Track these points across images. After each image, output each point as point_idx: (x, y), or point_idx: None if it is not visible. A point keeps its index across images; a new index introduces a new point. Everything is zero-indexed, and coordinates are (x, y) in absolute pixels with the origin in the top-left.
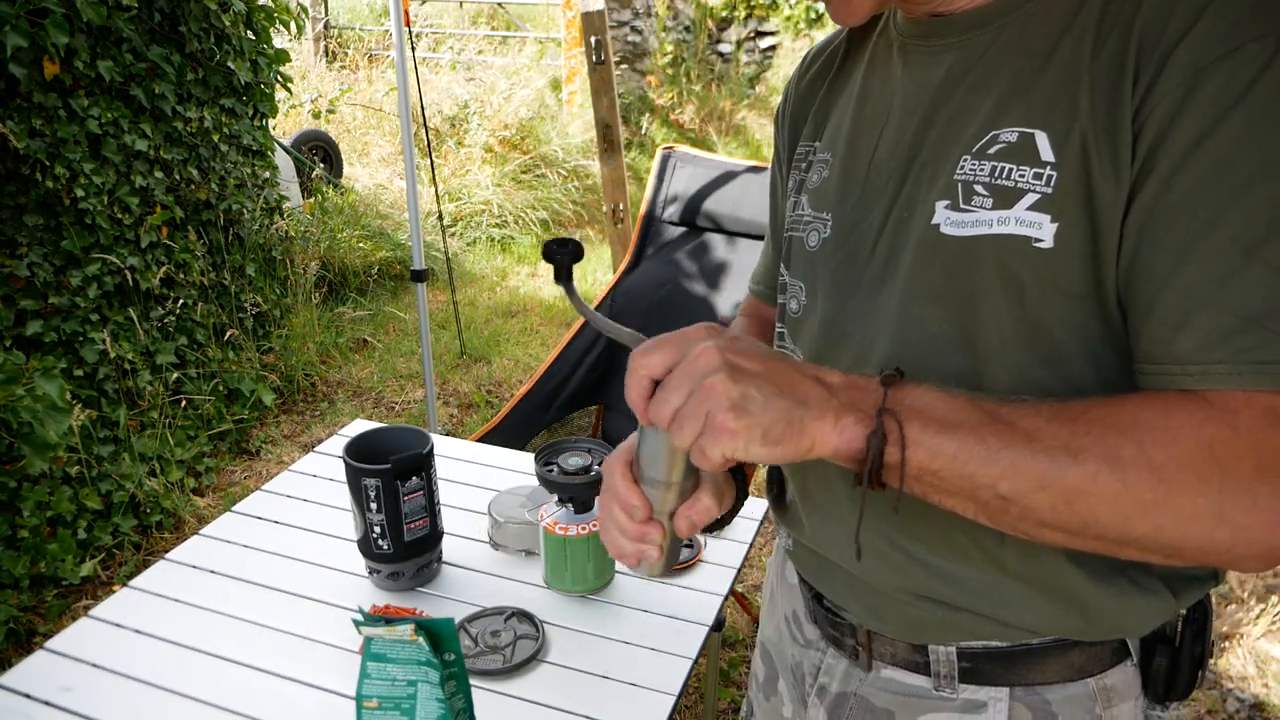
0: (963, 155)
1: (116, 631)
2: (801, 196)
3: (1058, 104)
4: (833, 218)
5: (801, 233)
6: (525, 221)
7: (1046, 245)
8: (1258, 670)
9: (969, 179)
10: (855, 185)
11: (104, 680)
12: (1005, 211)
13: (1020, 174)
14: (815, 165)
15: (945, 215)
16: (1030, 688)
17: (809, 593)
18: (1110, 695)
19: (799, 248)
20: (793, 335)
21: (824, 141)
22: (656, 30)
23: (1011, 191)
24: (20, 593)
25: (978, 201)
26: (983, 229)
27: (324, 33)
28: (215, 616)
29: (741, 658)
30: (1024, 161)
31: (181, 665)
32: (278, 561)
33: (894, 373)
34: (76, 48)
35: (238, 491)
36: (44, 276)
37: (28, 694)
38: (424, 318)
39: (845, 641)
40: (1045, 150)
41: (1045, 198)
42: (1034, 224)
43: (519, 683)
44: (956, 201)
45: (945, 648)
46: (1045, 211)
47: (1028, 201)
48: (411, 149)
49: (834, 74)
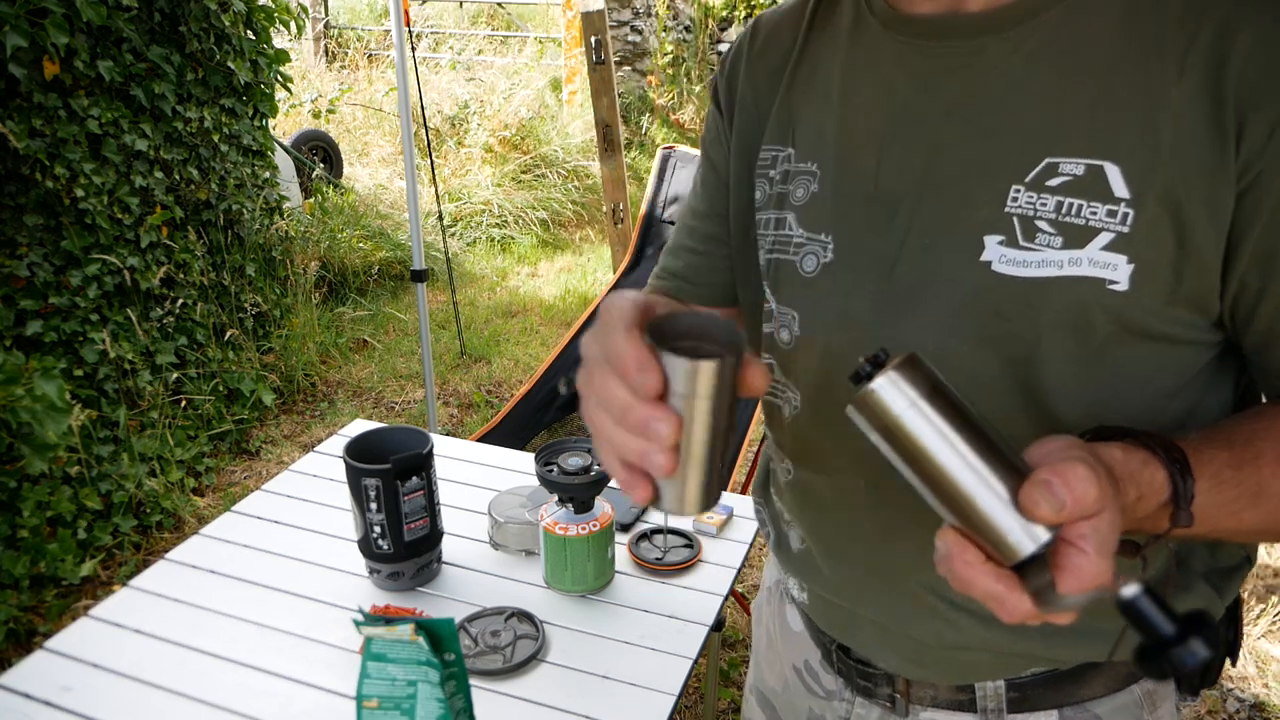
0: (1013, 185)
1: (116, 631)
2: (785, 214)
3: (1129, 135)
4: (834, 241)
5: (793, 256)
6: (525, 221)
7: (1122, 288)
8: (1258, 670)
9: (1028, 214)
10: (859, 205)
11: (104, 680)
12: (1077, 251)
13: (1092, 211)
14: (797, 178)
15: (1000, 252)
16: (1079, 705)
17: (829, 644)
18: (1154, 698)
19: (790, 273)
20: (784, 368)
21: (800, 149)
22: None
23: (1083, 230)
24: (20, 593)
25: (1044, 240)
26: (1050, 270)
27: (324, 33)
28: (215, 616)
29: (741, 658)
30: (1095, 197)
31: (181, 665)
32: (278, 561)
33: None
34: (76, 48)
35: (238, 491)
36: (44, 276)
37: (28, 694)
38: (424, 318)
39: (879, 690)
40: (1119, 186)
41: (1121, 237)
42: (1109, 265)
43: (519, 683)
44: (1014, 238)
45: (993, 683)
46: (1121, 252)
47: (1102, 241)
48: (411, 149)
49: (795, 65)
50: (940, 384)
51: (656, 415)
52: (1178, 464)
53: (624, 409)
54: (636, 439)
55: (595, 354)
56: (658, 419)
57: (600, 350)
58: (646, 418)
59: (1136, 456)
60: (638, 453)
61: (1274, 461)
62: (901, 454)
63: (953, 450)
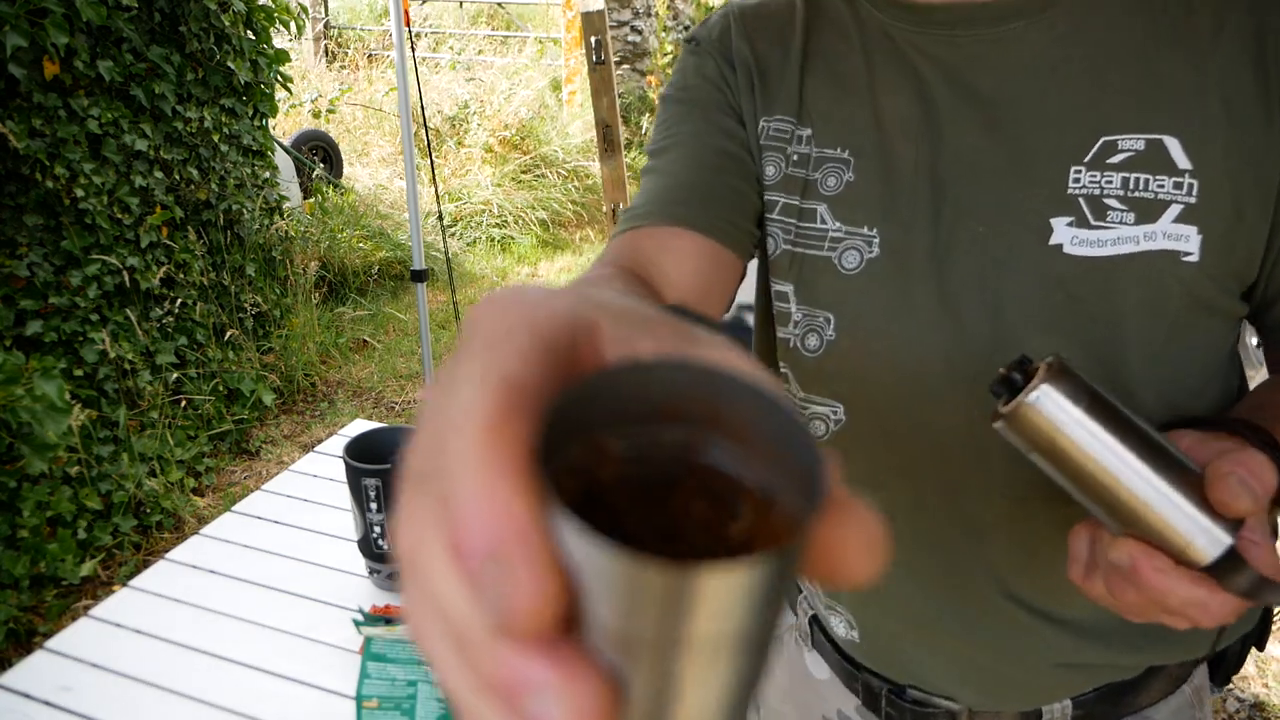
0: (1073, 166)
1: (116, 631)
2: (814, 205)
3: (1178, 108)
4: (880, 236)
5: (828, 252)
6: (525, 221)
7: (1194, 259)
8: (1258, 670)
9: (1095, 193)
10: (902, 196)
11: (104, 680)
12: (1150, 226)
13: (1159, 184)
14: (824, 165)
15: (1071, 234)
16: (1139, 713)
17: (879, 686)
18: (1200, 694)
19: (826, 270)
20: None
21: (822, 133)
22: (656, 30)
23: (1154, 204)
24: (20, 593)
25: (1115, 216)
26: (1127, 246)
27: (324, 33)
28: (215, 616)
29: None
30: (1160, 170)
31: (181, 665)
32: (278, 561)
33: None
34: (76, 48)
35: (238, 491)
36: (44, 276)
37: (28, 694)
38: (424, 318)
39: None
40: (1180, 158)
41: (1189, 208)
42: (1181, 237)
43: None
44: (1084, 218)
45: (1060, 704)
46: (1191, 223)
47: (1173, 213)
48: (411, 149)
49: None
50: (1094, 390)
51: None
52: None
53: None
54: None
55: (422, 472)
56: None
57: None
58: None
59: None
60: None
61: None
62: (1063, 468)
63: (1120, 459)
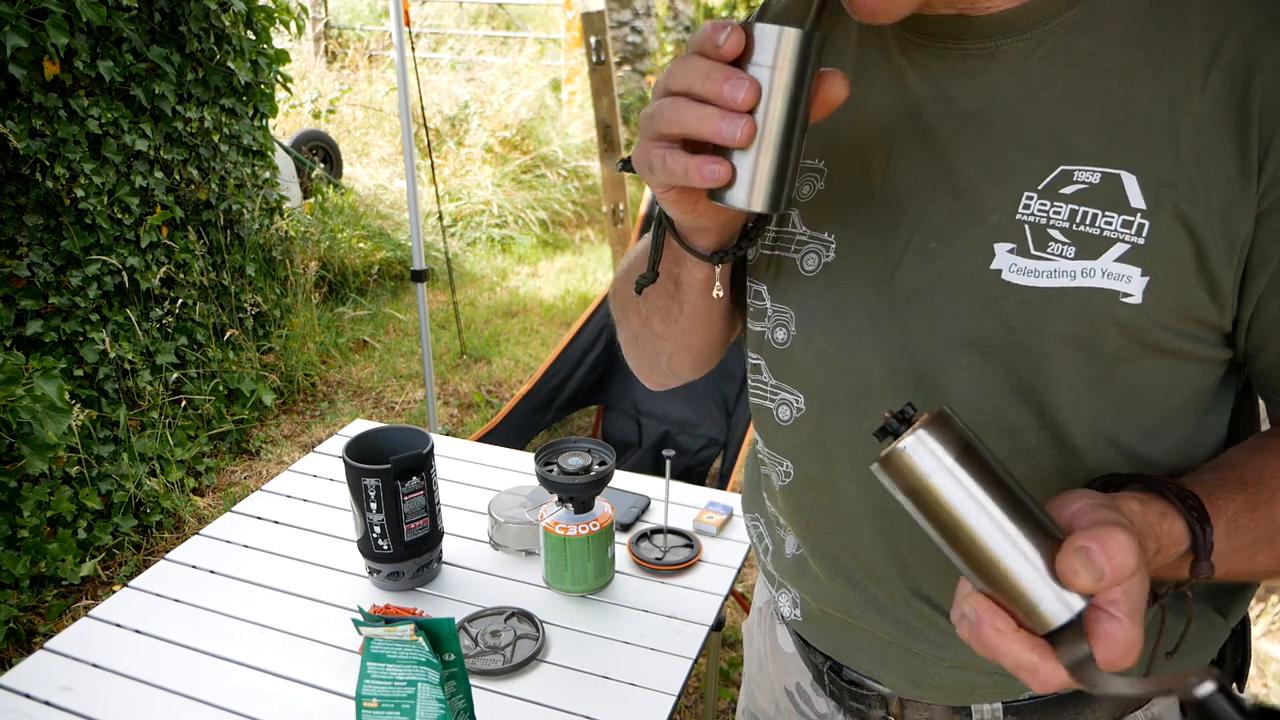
0: (1026, 192)
1: (116, 631)
2: (792, 211)
3: (1148, 144)
4: (837, 241)
5: (793, 254)
6: (525, 221)
7: (1135, 300)
8: (1258, 670)
9: (1040, 221)
10: (865, 206)
11: (104, 680)
12: (1090, 262)
13: (1107, 220)
14: (804, 174)
15: (1010, 260)
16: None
17: (822, 663)
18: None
19: (791, 271)
20: (777, 370)
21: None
22: (656, 30)
23: (1098, 240)
24: (20, 593)
25: (1055, 249)
26: (1062, 280)
27: (324, 33)
28: (215, 616)
29: (742, 657)
30: (1110, 207)
31: (181, 665)
32: (278, 561)
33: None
34: (76, 48)
35: (238, 491)
36: (44, 276)
37: (28, 694)
38: (424, 318)
39: (871, 714)
40: (1134, 196)
41: (1136, 249)
42: (1123, 277)
43: (519, 683)
44: (1025, 246)
45: (990, 705)
46: (1136, 264)
47: (1117, 252)
48: (411, 149)
49: None
50: (971, 443)
51: (737, 76)
52: (1195, 513)
53: (704, 75)
54: (713, 108)
55: (676, 62)
56: (738, 79)
57: (681, 58)
58: (726, 77)
59: (1154, 508)
60: (714, 119)
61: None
62: (929, 516)
63: (984, 514)
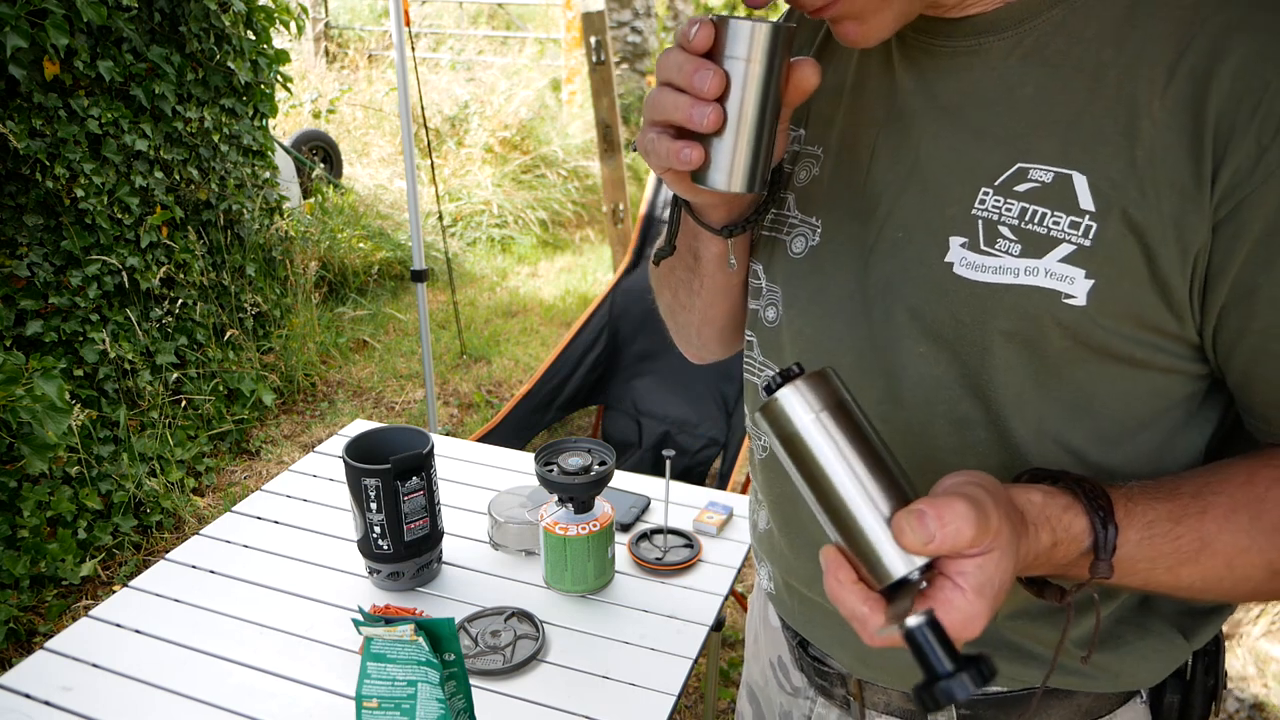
0: (983, 188)
1: (116, 631)
2: (787, 194)
3: (1105, 145)
4: (823, 226)
5: (785, 236)
6: (525, 221)
7: (1078, 302)
8: (1258, 670)
9: (992, 218)
10: (849, 193)
11: (104, 680)
12: (1034, 261)
13: (1055, 220)
14: (802, 160)
15: (961, 255)
16: None
17: (793, 639)
18: None
19: (782, 252)
20: (765, 347)
21: (810, 132)
22: (656, 30)
23: (1044, 239)
24: (20, 593)
25: (1003, 246)
26: (1006, 277)
27: (324, 33)
28: (215, 616)
29: (741, 657)
30: (1059, 207)
31: (181, 665)
32: (278, 561)
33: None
34: (76, 48)
35: (238, 491)
36: (44, 276)
37: (28, 694)
38: (424, 318)
39: (834, 691)
40: (1084, 197)
41: (1081, 250)
42: (1066, 278)
43: (519, 683)
44: (976, 241)
45: None
46: (1080, 266)
47: (1061, 253)
48: (411, 149)
49: (817, 49)
50: (845, 402)
51: (705, 67)
52: (1100, 512)
53: (678, 66)
54: (686, 96)
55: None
56: (705, 69)
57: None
58: (696, 68)
59: (1058, 501)
60: (686, 106)
61: (1222, 517)
62: (796, 464)
63: (845, 466)
